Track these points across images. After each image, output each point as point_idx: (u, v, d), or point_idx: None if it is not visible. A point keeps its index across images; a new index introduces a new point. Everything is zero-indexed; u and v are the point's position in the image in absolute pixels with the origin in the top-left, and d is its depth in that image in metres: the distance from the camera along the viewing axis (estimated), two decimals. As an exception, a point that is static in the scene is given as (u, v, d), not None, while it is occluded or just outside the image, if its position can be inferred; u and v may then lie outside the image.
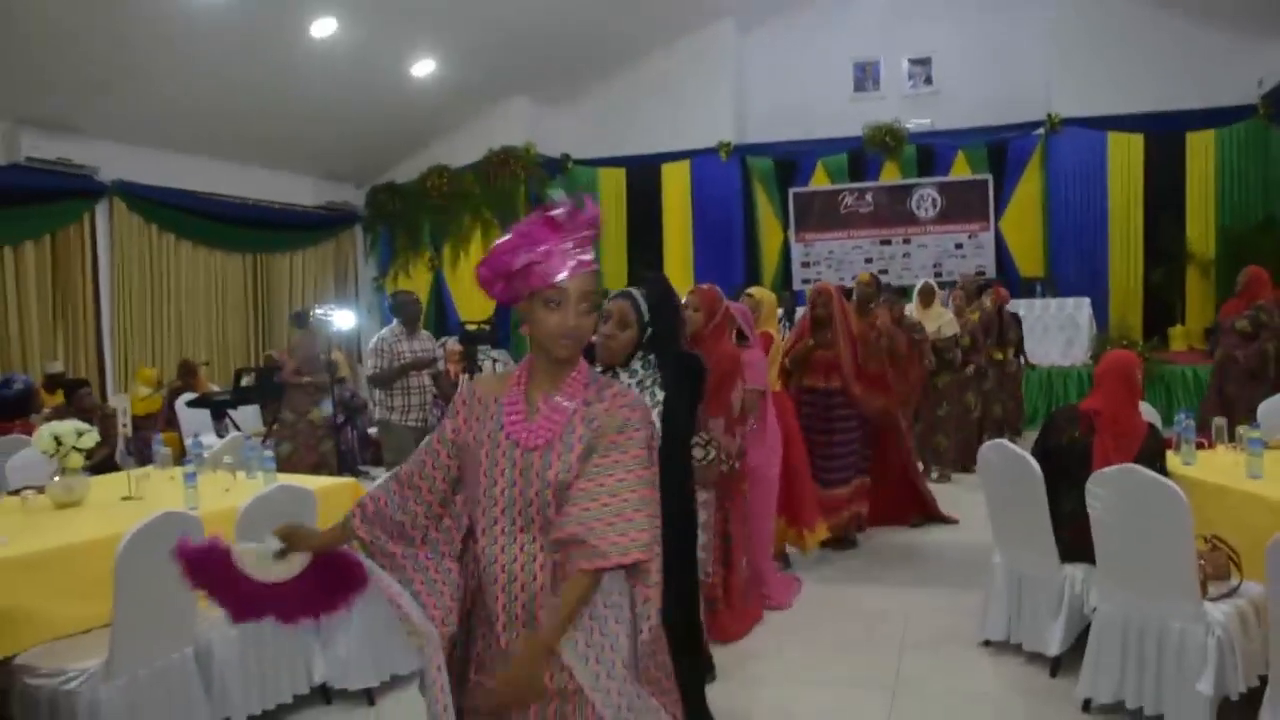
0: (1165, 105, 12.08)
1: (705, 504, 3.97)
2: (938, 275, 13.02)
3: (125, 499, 4.16)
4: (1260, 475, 3.62)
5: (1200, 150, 12.29)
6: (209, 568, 2.22)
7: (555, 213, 1.89)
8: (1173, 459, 4.02)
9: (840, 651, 4.32)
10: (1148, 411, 4.66)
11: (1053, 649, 3.80)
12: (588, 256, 1.90)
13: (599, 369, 2.99)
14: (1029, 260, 13.06)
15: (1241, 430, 4.00)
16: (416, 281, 13.84)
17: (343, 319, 7.71)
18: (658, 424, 2.66)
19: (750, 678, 4.02)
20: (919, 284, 8.35)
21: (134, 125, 9.94)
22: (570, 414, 1.91)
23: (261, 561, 2.18)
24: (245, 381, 8.28)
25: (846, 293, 6.44)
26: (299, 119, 11.14)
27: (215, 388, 9.50)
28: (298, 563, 2.18)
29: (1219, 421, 4.38)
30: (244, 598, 2.20)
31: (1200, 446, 4.22)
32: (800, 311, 6.83)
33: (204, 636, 3.48)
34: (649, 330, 3.08)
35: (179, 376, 9.11)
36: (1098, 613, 3.50)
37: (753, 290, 6.00)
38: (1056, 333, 11.21)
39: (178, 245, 11.00)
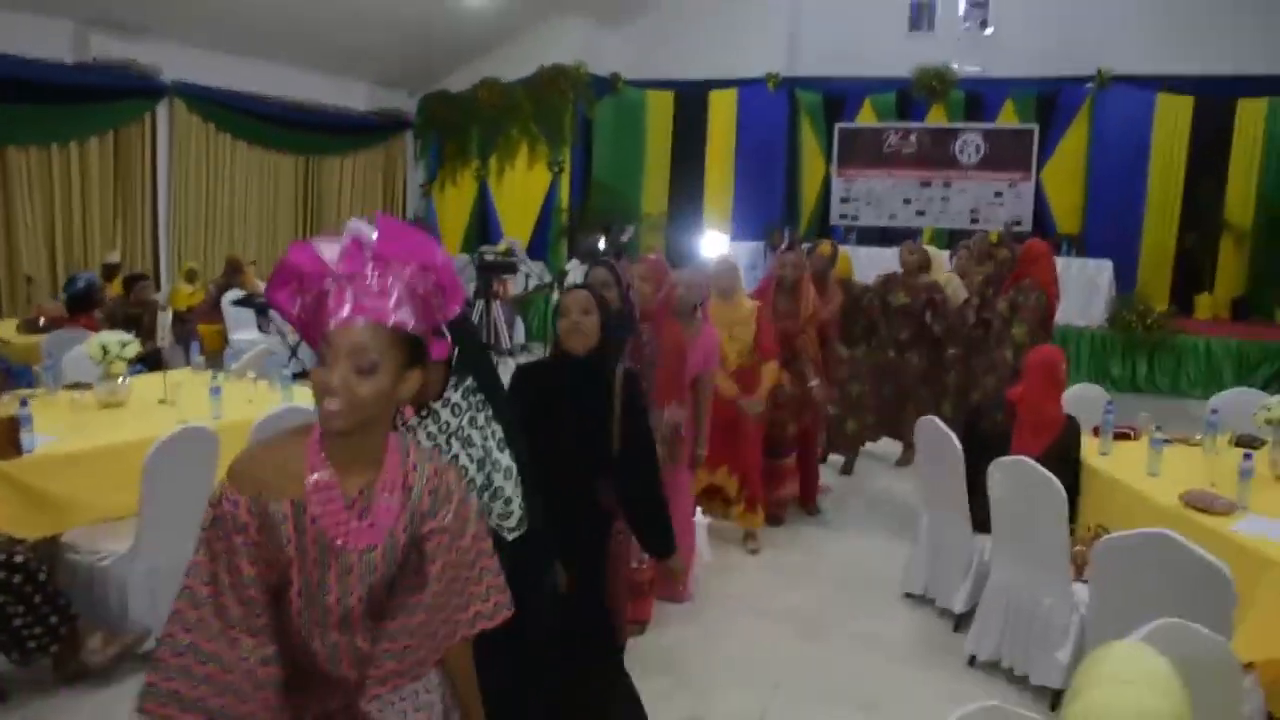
0: (1219, 69, 11.92)
1: None
2: (974, 221, 13.20)
3: (161, 402, 4.74)
4: (1157, 473, 4.00)
5: (1251, 118, 12.15)
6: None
7: (322, 246, 1.61)
8: (1093, 446, 4.41)
9: (770, 590, 4.83)
10: (1088, 400, 5.06)
11: (958, 607, 4.28)
12: (375, 301, 1.57)
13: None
14: (1067, 215, 13.12)
15: (1149, 428, 4.36)
16: (462, 191, 14.30)
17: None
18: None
19: (678, 612, 4.47)
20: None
21: (195, 28, 10.37)
22: (394, 513, 1.68)
23: None
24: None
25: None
26: (355, 25, 11.45)
27: (262, 285, 10.09)
28: None
29: (1145, 415, 4.73)
30: None
31: (1125, 437, 4.59)
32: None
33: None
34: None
35: (225, 273, 9.70)
36: (989, 580, 3.97)
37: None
38: (1075, 293, 11.34)
39: (233, 145, 11.52)
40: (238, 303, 9.02)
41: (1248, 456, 3.71)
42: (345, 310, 1.55)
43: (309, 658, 1.70)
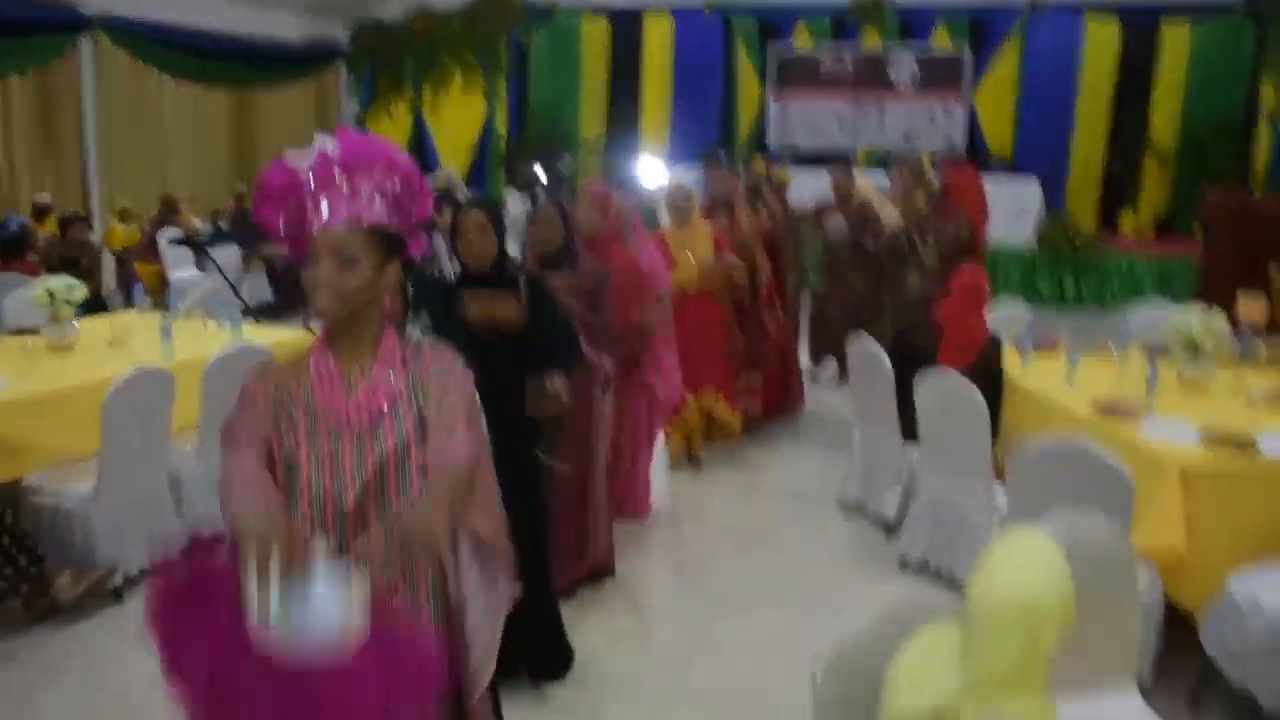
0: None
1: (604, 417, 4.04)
2: (908, 144, 13.40)
3: (110, 345, 4.77)
4: (1074, 384, 4.26)
5: (1175, 43, 12.42)
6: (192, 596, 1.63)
7: (294, 159, 1.79)
8: (1015, 361, 4.66)
9: (713, 506, 5.09)
10: (1012, 318, 5.32)
11: (889, 513, 4.57)
12: (348, 206, 1.75)
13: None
14: (999, 137, 13.37)
15: (1067, 343, 4.62)
16: (397, 122, 14.14)
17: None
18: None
19: (622, 532, 4.54)
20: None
21: (117, -42, 10.07)
22: (393, 389, 1.83)
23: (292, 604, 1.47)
24: (222, 223, 8.83)
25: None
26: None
27: (198, 222, 10.00)
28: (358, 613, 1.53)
29: (1064, 330, 4.99)
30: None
31: (1045, 351, 4.84)
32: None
33: (174, 465, 4.19)
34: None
35: (160, 212, 9.58)
36: (919, 486, 4.24)
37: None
38: (1005, 213, 11.60)
39: (161, 80, 11.26)
40: (176, 242, 8.95)
41: (1154, 366, 3.98)
42: (323, 217, 1.75)
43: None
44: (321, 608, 1.47)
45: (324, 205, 1.75)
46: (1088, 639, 2.42)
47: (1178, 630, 3.36)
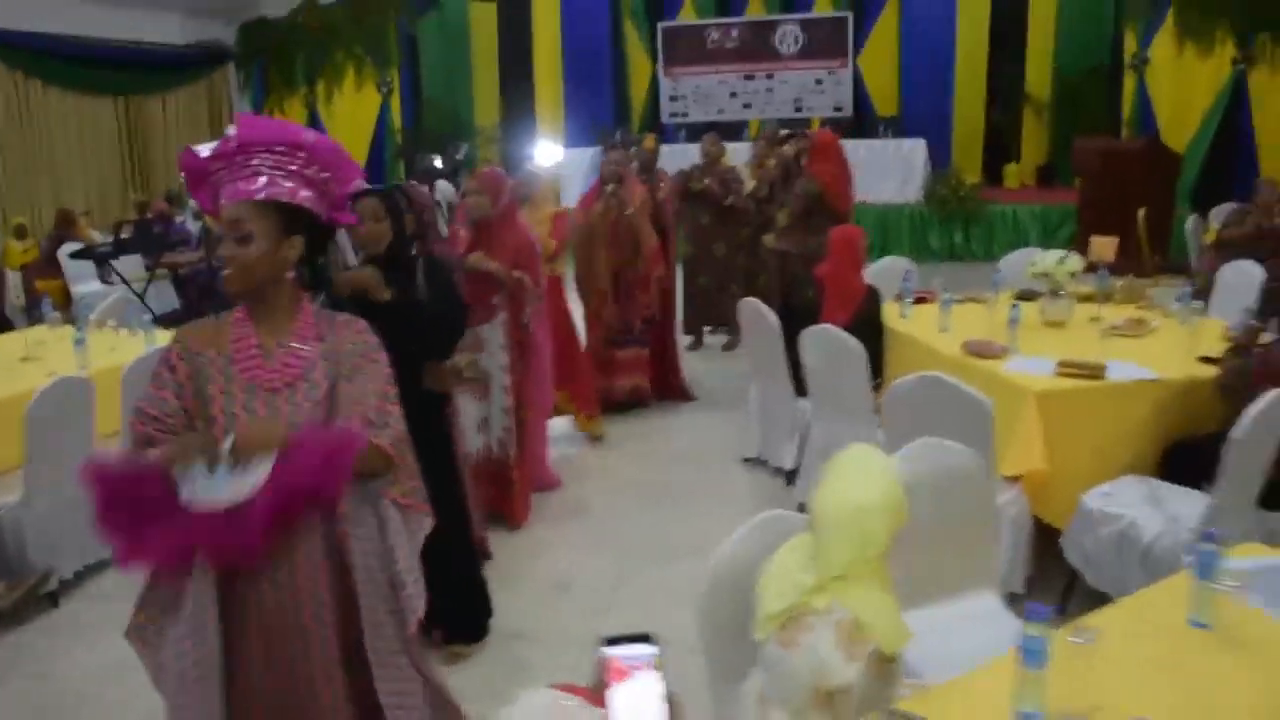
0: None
1: (506, 388, 4.40)
2: (799, 110, 13.79)
3: (24, 360, 4.85)
4: (948, 329, 4.61)
5: (1043, -4, 13.00)
6: (132, 494, 1.84)
7: (199, 148, 1.93)
8: (895, 311, 5.01)
9: (620, 471, 5.36)
10: (894, 271, 5.67)
11: (788, 464, 4.88)
12: (244, 184, 1.87)
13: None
14: (885, 98, 13.84)
15: (941, 292, 4.97)
16: (291, 119, 14.04)
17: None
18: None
19: (537, 499, 4.87)
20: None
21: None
22: (309, 358, 1.94)
23: (214, 480, 1.81)
24: (125, 234, 8.79)
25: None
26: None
27: (97, 235, 9.89)
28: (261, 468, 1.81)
29: (938, 280, 5.35)
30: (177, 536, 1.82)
31: (923, 301, 5.21)
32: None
33: (102, 472, 4.29)
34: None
35: (56, 226, 9.47)
36: (810, 434, 4.56)
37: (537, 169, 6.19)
38: (894, 172, 12.12)
39: (45, 92, 11.05)
40: (77, 255, 8.87)
41: (1015, 308, 4.36)
42: (224, 195, 1.89)
43: None
44: (233, 478, 1.79)
45: (225, 183, 1.88)
46: (949, 551, 2.76)
47: (1045, 544, 3.72)
